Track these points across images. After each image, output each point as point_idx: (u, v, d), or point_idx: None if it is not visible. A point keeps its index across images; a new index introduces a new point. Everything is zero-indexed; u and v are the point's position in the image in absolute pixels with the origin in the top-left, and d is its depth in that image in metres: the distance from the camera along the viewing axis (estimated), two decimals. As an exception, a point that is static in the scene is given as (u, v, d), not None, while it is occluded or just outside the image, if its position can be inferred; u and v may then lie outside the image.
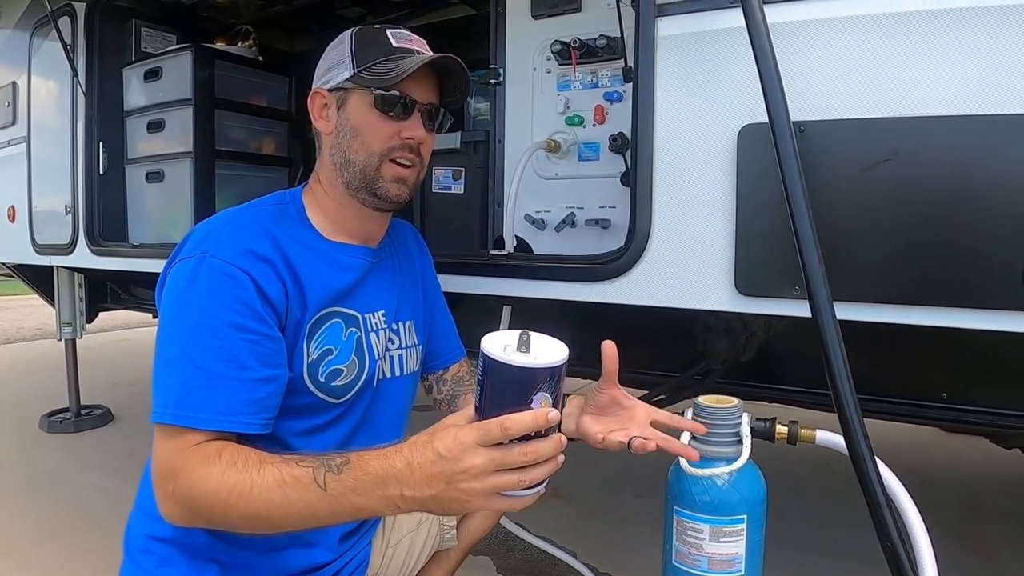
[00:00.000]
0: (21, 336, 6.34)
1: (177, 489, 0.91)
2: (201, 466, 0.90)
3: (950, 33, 1.01)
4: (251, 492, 0.86)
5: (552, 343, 0.80)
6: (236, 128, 2.48)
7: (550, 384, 0.77)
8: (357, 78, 1.09)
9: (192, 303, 0.96)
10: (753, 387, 1.70)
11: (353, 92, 1.10)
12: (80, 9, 2.41)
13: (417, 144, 1.12)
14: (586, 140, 1.56)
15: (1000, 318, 1.01)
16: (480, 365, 0.77)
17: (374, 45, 1.10)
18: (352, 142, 1.10)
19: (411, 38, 1.13)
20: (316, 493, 0.84)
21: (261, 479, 0.87)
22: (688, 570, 1.01)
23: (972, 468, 2.81)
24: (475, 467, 0.76)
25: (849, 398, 0.94)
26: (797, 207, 0.99)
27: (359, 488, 0.83)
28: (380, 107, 1.09)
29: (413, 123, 1.11)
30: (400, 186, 1.12)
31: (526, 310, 1.61)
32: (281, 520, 0.87)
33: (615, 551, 2.02)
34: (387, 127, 1.09)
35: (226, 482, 0.87)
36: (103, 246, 2.43)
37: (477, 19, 2.22)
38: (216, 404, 0.93)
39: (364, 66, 1.09)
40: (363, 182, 1.10)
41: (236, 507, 0.87)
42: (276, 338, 1.00)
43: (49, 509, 2.34)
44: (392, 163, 1.10)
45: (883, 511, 0.91)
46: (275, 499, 0.86)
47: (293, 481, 0.86)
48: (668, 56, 1.21)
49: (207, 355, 0.94)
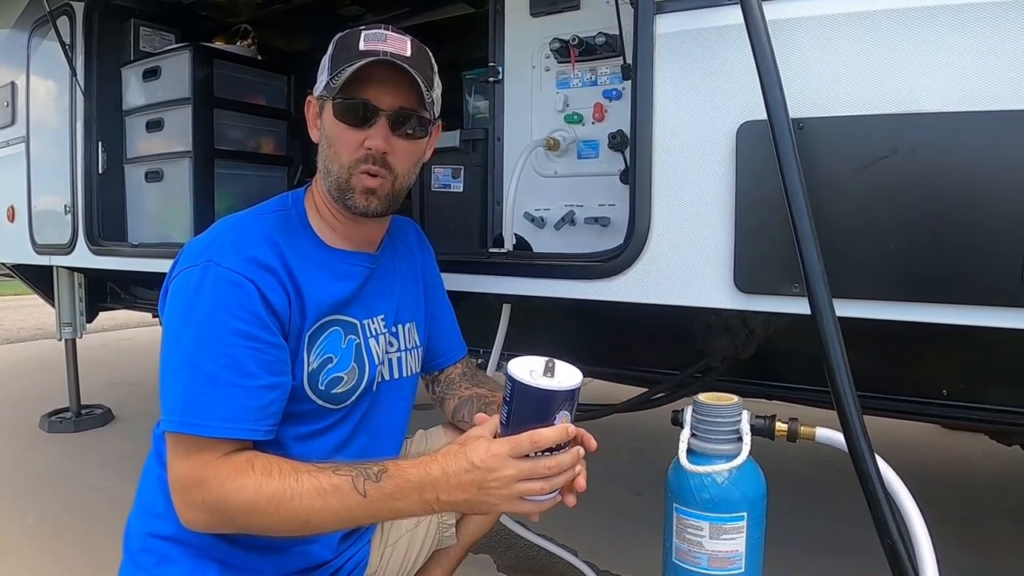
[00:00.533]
0: (21, 336, 6.34)
1: (208, 499, 0.94)
2: (234, 477, 0.93)
3: (949, 29, 1.00)
4: (291, 501, 0.92)
5: (570, 368, 0.92)
6: (235, 127, 2.48)
7: (569, 404, 0.90)
8: (328, 87, 1.06)
9: (197, 311, 0.97)
10: (753, 384, 1.70)
11: (326, 102, 1.08)
12: (78, 9, 2.40)
13: (380, 153, 1.06)
14: (585, 138, 1.56)
15: (1000, 314, 1.01)
16: (508, 387, 0.90)
17: (344, 50, 1.06)
18: (328, 151, 1.09)
19: (385, 38, 1.05)
20: (356, 500, 0.92)
21: (300, 488, 0.92)
22: (688, 567, 1.01)
23: (973, 465, 2.81)
24: (506, 476, 0.88)
25: (848, 395, 0.93)
26: (796, 204, 0.99)
27: (398, 494, 0.92)
28: (339, 116, 1.06)
29: (375, 131, 1.05)
30: (369, 197, 1.07)
31: (526, 308, 1.61)
32: (319, 524, 0.94)
33: (615, 549, 2.02)
34: (351, 136, 1.06)
35: (265, 492, 0.92)
36: (102, 246, 2.43)
37: (476, 17, 2.22)
38: (221, 411, 0.94)
39: (334, 73, 1.05)
40: (338, 193, 1.08)
41: (275, 515, 0.92)
42: (280, 346, 1.01)
43: (49, 508, 2.34)
44: (361, 175, 1.06)
45: (883, 508, 0.91)
46: (316, 506, 0.92)
47: (333, 489, 0.92)
48: (667, 53, 1.21)
49: (212, 362, 0.95)
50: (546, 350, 0.96)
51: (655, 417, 1.87)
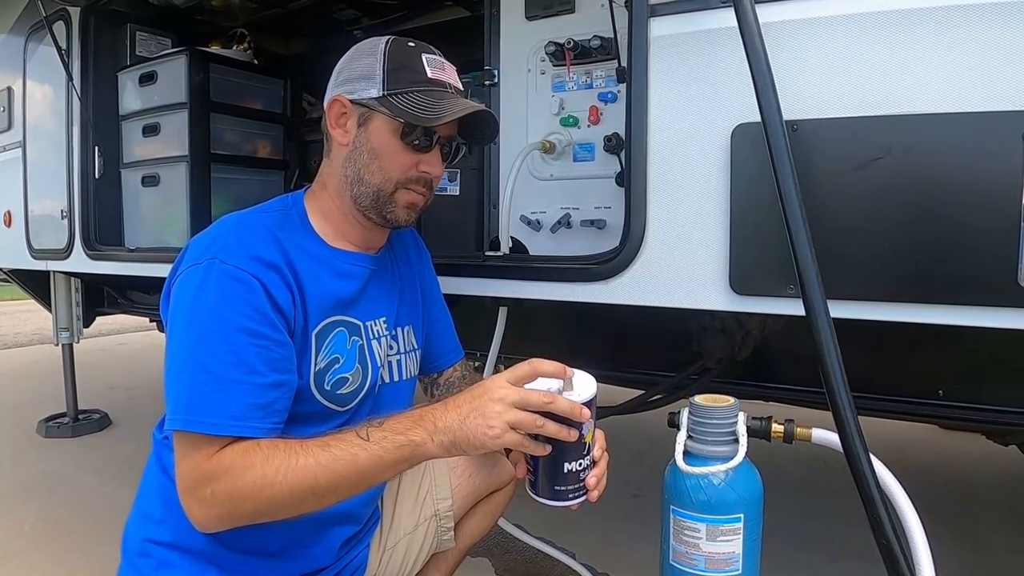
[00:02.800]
0: (18, 341, 6.32)
1: (216, 489, 0.92)
2: (241, 458, 0.92)
3: (942, 30, 1.01)
4: (296, 463, 0.91)
5: (585, 377, 0.96)
6: (231, 131, 2.48)
7: (592, 411, 0.93)
8: (386, 102, 1.07)
9: (202, 308, 0.97)
10: (749, 386, 1.70)
11: (378, 114, 1.08)
12: (75, 14, 2.40)
13: (432, 178, 1.13)
14: (581, 141, 1.56)
15: (995, 315, 1.01)
16: None
17: (408, 69, 1.08)
18: (370, 163, 1.10)
19: (444, 67, 1.12)
20: (359, 443, 0.93)
21: (304, 450, 0.93)
22: (686, 569, 1.01)
23: (969, 465, 2.81)
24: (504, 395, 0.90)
25: (844, 396, 0.94)
26: (790, 206, 0.99)
27: (398, 428, 0.93)
28: (405, 138, 1.08)
29: (432, 157, 1.12)
30: (410, 212, 1.13)
31: (522, 311, 1.61)
32: (328, 481, 0.92)
33: (613, 551, 2.02)
34: (407, 157, 1.10)
35: (272, 463, 0.92)
36: (99, 250, 2.43)
37: (471, 21, 2.22)
38: (227, 409, 0.94)
39: (395, 91, 1.07)
40: (374, 203, 1.11)
41: (282, 484, 0.91)
42: (286, 343, 1.01)
43: (47, 513, 2.33)
44: (407, 190, 1.11)
45: (878, 509, 0.91)
46: (321, 459, 0.92)
47: (335, 440, 0.94)
48: (661, 56, 1.21)
49: (217, 359, 0.95)
50: (543, 353, 0.97)
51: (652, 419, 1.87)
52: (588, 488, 0.96)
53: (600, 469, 0.98)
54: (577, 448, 0.94)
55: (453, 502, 1.37)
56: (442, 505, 1.36)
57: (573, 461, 0.94)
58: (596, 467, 0.97)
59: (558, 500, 0.96)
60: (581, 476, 0.96)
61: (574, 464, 0.94)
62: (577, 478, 0.95)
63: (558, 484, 0.95)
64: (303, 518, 1.10)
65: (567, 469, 0.94)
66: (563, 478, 0.95)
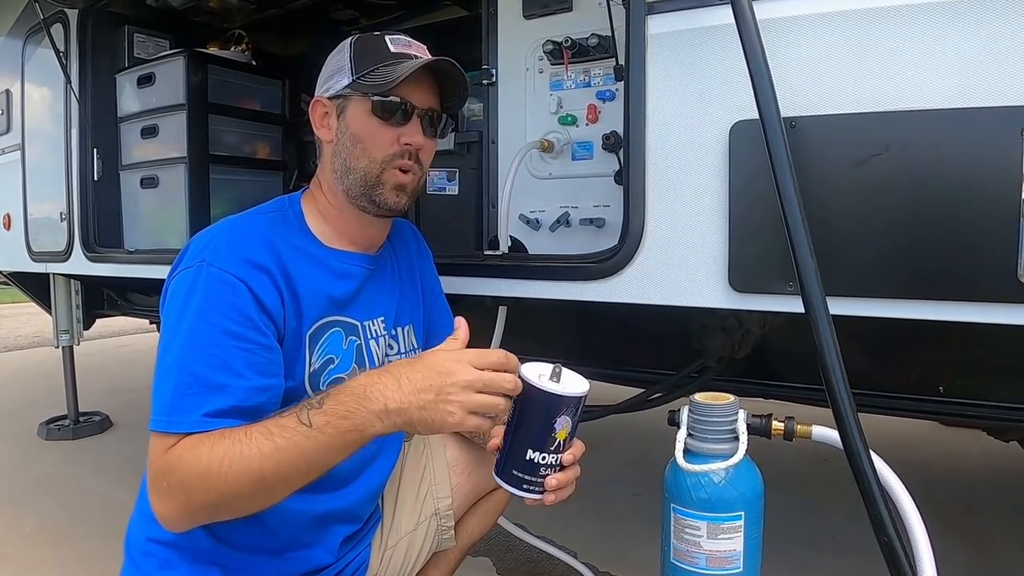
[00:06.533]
0: (19, 344, 6.33)
1: (172, 481, 0.91)
2: (191, 450, 0.90)
3: (939, 26, 1.01)
4: (241, 453, 0.88)
5: (577, 378, 0.93)
6: (230, 132, 2.47)
7: (572, 411, 0.91)
8: (356, 84, 1.10)
9: (189, 311, 0.97)
10: (749, 384, 1.70)
11: (352, 99, 1.11)
12: (72, 16, 2.40)
13: (416, 150, 1.12)
14: (579, 139, 1.56)
15: (995, 311, 1.01)
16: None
17: (373, 52, 1.11)
18: (352, 149, 1.11)
19: (410, 43, 1.13)
20: (302, 431, 0.88)
21: (248, 438, 0.89)
22: (687, 567, 1.01)
23: (971, 462, 2.81)
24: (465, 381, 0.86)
25: (843, 393, 0.94)
26: (789, 203, 0.99)
27: (341, 411, 0.88)
28: (379, 113, 1.09)
29: (412, 128, 1.11)
30: (399, 193, 1.12)
31: (522, 310, 1.61)
32: (275, 472, 0.88)
33: (614, 550, 2.02)
34: (387, 133, 1.10)
35: (217, 452, 0.88)
36: (98, 252, 2.42)
37: (469, 20, 2.21)
38: (204, 409, 0.93)
39: (362, 72, 1.09)
40: (363, 189, 1.11)
41: (229, 474, 0.87)
42: (272, 348, 1.00)
43: (48, 515, 2.33)
44: (394, 170, 1.11)
45: (879, 506, 0.91)
46: (264, 449, 0.88)
47: (278, 429, 0.89)
48: (658, 54, 1.21)
49: (201, 362, 0.94)
50: (542, 352, 0.97)
51: (653, 418, 1.87)
52: (546, 488, 0.94)
53: (565, 476, 0.94)
54: (543, 438, 0.92)
55: (453, 501, 1.37)
56: (442, 504, 1.36)
57: (537, 451, 0.92)
58: (562, 472, 0.94)
59: (512, 486, 0.94)
60: (542, 472, 0.93)
61: (537, 455, 0.92)
62: (537, 471, 0.93)
63: (516, 469, 0.93)
64: (303, 517, 1.11)
65: (529, 456, 0.92)
66: (523, 465, 0.93)
